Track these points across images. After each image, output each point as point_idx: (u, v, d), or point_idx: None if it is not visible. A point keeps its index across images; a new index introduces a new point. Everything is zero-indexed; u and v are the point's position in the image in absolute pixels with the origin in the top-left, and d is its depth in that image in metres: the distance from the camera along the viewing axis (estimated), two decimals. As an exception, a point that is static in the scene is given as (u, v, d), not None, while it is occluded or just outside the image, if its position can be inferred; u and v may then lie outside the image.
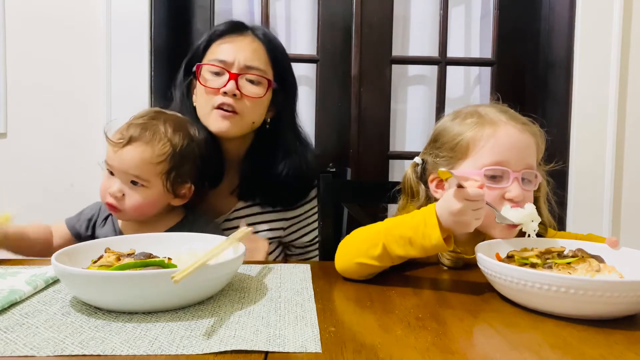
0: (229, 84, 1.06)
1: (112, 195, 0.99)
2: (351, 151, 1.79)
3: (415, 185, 1.02)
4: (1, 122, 1.60)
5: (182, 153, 1.01)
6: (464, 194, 0.73)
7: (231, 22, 1.15)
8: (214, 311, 0.67)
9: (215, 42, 1.12)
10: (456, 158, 0.95)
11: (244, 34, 1.12)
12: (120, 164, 0.98)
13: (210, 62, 1.09)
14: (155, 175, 0.99)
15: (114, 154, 0.99)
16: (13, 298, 0.69)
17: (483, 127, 0.93)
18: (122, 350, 0.54)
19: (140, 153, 0.98)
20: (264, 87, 1.10)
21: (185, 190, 1.05)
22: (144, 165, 0.98)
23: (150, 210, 1.03)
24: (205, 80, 1.09)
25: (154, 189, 1.00)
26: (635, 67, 1.69)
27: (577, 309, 0.65)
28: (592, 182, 1.70)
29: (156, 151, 0.99)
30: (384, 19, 1.78)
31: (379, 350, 0.55)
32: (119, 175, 1.00)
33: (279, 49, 1.16)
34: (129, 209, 1.00)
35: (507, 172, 0.90)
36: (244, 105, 1.08)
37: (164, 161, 0.99)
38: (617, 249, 0.81)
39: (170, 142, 1.00)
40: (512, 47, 1.82)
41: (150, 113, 1.05)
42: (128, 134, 0.99)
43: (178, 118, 1.07)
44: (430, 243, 0.76)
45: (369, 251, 0.81)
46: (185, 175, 1.03)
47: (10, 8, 1.59)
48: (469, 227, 0.76)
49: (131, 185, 1.00)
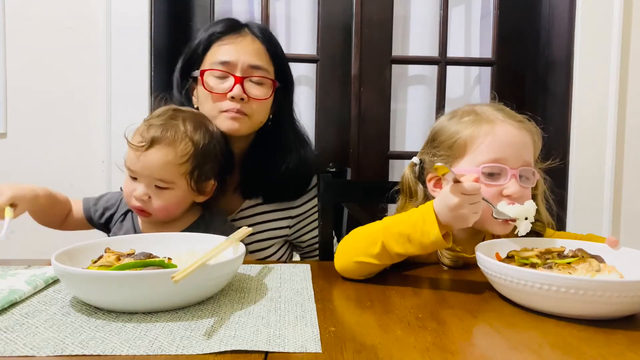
0: (235, 88, 1.06)
1: (138, 199, 0.97)
2: (351, 151, 1.79)
3: (413, 185, 1.02)
4: (1, 122, 1.60)
5: (204, 151, 0.99)
6: (461, 188, 0.75)
7: (227, 21, 1.13)
8: (214, 311, 0.67)
9: (215, 44, 1.11)
10: (454, 157, 0.96)
11: (242, 33, 1.11)
12: (144, 168, 0.96)
13: (213, 67, 1.08)
14: (180, 176, 0.97)
15: (137, 159, 0.96)
16: (13, 298, 0.69)
17: (480, 125, 0.94)
18: (122, 350, 0.54)
19: (164, 156, 0.95)
20: (269, 88, 1.10)
21: (209, 188, 1.04)
22: (168, 168, 0.95)
23: (177, 210, 1.02)
24: (210, 86, 1.08)
25: (179, 190, 0.98)
26: (635, 67, 1.69)
27: (577, 309, 0.65)
28: (592, 182, 1.70)
29: (179, 152, 0.96)
30: (384, 19, 1.78)
31: (379, 350, 0.55)
32: (143, 179, 0.97)
33: (277, 45, 1.15)
34: (157, 210, 0.98)
35: (504, 169, 0.90)
36: (251, 108, 1.08)
37: (187, 161, 0.97)
38: (617, 249, 0.81)
39: (192, 141, 0.98)
40: (512, 47, 1.82)
41: (168, 112, 1.01)
42: (149, 136, 0.95)
43: (195, 115, 1.04)
44: (429, 240, 0.77)
45: (368, 250, 0.82)
46: (209, 172, 1.01)
47: (10, 8, 1.59)
48: (467, 221, 0.77)
49: (156, 189, 0.97)
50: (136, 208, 0.99)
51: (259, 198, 1.18)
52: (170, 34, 1.72)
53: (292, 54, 1.83)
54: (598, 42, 1.67)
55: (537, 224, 0.99)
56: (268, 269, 0.90)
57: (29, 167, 1.61)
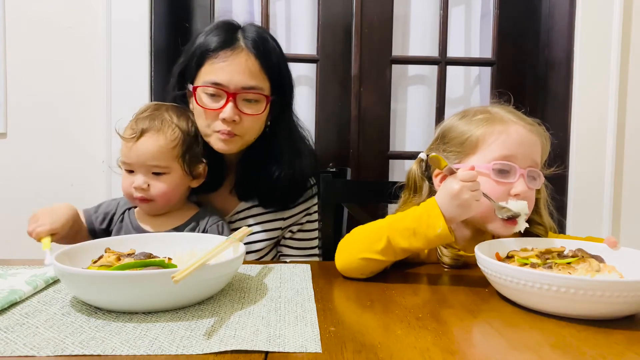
0: (227, 108, 1.05)
1: (138, 189, 1.03)
2: (351, 151, 1.79)
3: (419, 180, 1.04)
4: (1, 122, 1.60)
5: (190, 135, 1.07)
6: (458, 176, 0.81)
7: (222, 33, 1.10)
8: (214, 311, 0.67)
9: (208, 60, 1.08)
10: (464, 153, 0.98)
11: (236, 49, 1.07)
12: (138, 157, 1.03)
13: (206, 84, 1.07)
14: (173, 160, 1.04)
15: (130, 150, 1.03)
16: (13, 298, 0.69)
17: (493, 124, 0.96)
18: (122, 350, 0.54)
19: (155, 141, 1.03)
20: (262, 104, 1.09)
21: (201, 170, 1.10)
22: (161, 153, 1.03)
23: (176, 195, 1.08)
24: (203, 102, 1.07)
25: (175, 174, 1.05)
26: (635, 67, 1.69)
27: (577, 309, 0.65)
28: (592, 184, 1.70)
29: (168, 137, 1.04)
30: (384, 19, 1.78)
31: (379, 350, 0.55)
32: (139, 169, 1.04)
33: (273, 58, 1.12)
34: (158, 196, 1.04)
35: (514, 167, 0.92)
36: (243, 128, 1.08)
37: (177, 145, 1.05)
38: (616, 249, 0.81)
39: (179, 126, 1.06)
40: (512, 47, 1.82)
41: (152, 106, 1.10)
42: (139, 127, 1.03)
43: (176, 106, 1.12)
44: (434, 232, 0.80)
45: (372, 245, 0.83)
46: (199, 154, 1.09)
47: (10, 8, 1.59)
48: (470, 207, 0.81)
49: (153, 176, 1.04)
50: (138, 199, 1.05)
51: (255, 200, 1.19)
52: (170, 34, 1.72)
53: (292, 54, 1.83)
54: (598, 42, 1.67)
55: (539, 227, 1.00)
56: (268, 269, 0.90)
57: (29, 167, 1.61)
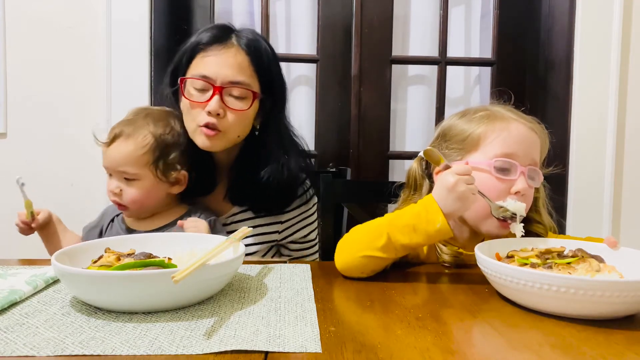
0: (213, 101, 1.04)
1: (111, 192, 1.05)
2: (351, 151, 1.79)
3: (420, 178, 1.05)
4: (1, 122, 1.61)
5: (165, 142, 1.06)
6: (453, 170, 0.83)
7: (215, 30, 1.10)
8: (214, 311, 0.67)
9: (199, 54, 1.08)
10: (466, 150, 0.98)
11: (227, 45, 1.08)
12: (110, 162, 1.05)
13: (194, 76, 1.07)
14: (143, 167, 1.04)
15: (104, 155, 1.06)
16: (13, 298, 0.69)
17: (494, 122, 0.97)
18: (122, 350, 0.54)
19: (124, 148, 1.04)
20: (248, 101, 1.08)
21: (179, 177, 1.08)
22: (129, 159, 1.03)
23: (150, 202, 1.07)
24: (190, 94, 1.07)
25: (146, 180, 1.05)
26: (635, 67, 1.69)
27: (577, 309, 0.65)
28: (592, 184, 1.70)
29: (138, 144, 1.04)
30: (384, 19, 1.78)
31: (379, 350, 0.55)
32: (114, 174, 1.06)
33: (264, 57, 1.11)
34: (129, 203, 1.05)
35: (515, 165, 0.93)
36: (227, 123, 1.07)
37: (147, 152, 1.04)
38: (616, 249, 0.81)
39: (152, 133, 1.05)
40: (512, 47, 1.82)
41: (134, 111, 1.11)
42: (112, 133, 1.06)
43: (160, 111, 1.12)
44: (434, 227, 0.81)
45: (373, 243, 0.83)
46: (174, 162, 1.07)
47: (10, 8, 1.59)
48: (467, 200, 0.82)
49: (125, 181, 1.05)
50: (115, 203, 1.07)
51: (246, 204, 1.18)
52: (170, 34, 1.72)
53: (292, 54, 1.83)
54: (598, 42, 1.67)
55: (539, 226, 1.00)
56: (268, 269, 0.90)
57: (29, 167, 1.61)
